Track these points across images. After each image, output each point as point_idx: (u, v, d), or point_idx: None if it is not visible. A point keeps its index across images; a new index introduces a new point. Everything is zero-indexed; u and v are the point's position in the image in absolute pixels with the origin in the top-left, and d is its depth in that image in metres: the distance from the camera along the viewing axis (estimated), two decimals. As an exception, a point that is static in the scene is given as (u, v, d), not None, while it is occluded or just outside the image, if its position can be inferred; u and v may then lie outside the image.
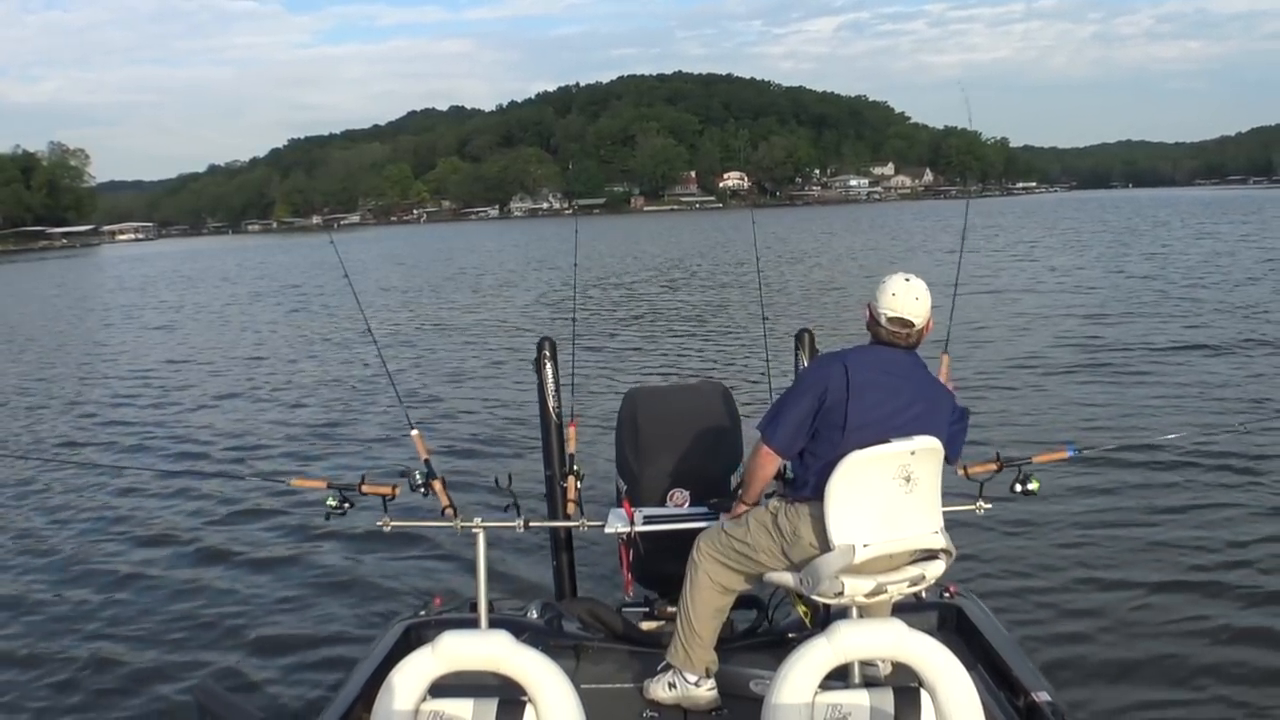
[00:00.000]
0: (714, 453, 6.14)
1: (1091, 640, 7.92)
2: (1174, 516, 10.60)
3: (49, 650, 8.80)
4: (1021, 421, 15.00)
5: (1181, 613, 8.35)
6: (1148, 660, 7.58)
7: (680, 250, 71.31)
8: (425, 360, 25.07)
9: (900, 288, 4.94)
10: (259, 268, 78.17)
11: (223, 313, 42.49)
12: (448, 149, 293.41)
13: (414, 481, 5.65)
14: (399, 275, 57.25)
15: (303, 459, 15.33)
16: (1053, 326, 25.18)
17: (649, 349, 25.19)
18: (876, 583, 4.65)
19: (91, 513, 13.00)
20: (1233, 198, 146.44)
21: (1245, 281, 33.31)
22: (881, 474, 4.64)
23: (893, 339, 4.96)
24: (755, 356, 17.87)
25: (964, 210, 7.58)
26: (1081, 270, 41.22)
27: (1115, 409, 15.61)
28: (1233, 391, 16.47)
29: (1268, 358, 19.30)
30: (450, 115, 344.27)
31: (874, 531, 4.64)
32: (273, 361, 26.66)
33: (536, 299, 40.21)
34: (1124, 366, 19.19)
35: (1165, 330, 23.45)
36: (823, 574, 4.69)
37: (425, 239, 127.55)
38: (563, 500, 6.09)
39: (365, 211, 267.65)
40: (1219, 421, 14.15)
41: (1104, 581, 9.05)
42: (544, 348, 6.55)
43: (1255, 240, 54.06)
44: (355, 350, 26.70)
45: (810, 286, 37.93)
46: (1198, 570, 9.21)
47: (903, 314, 4.92)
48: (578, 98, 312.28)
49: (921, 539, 4.76)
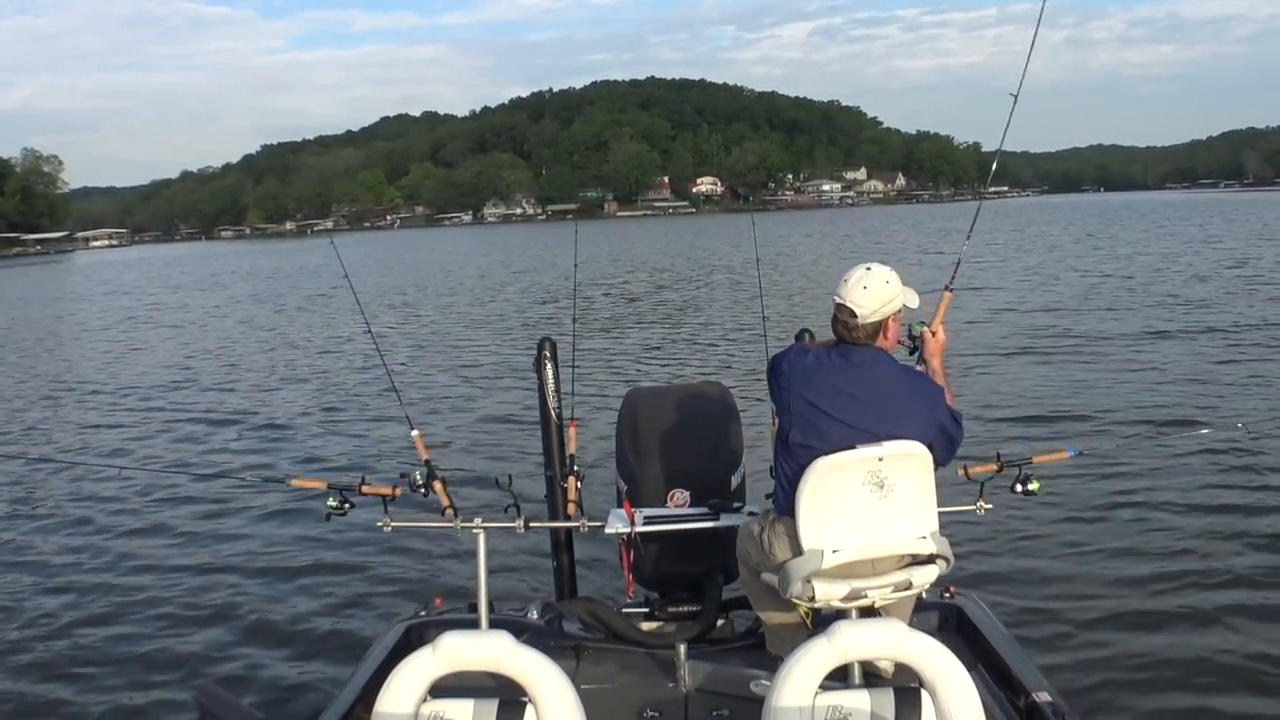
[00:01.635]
0: (714, 453, 6.14)
1: (1092, 640, 7.92)
2: (1174, 516, 10.61)
3: (48, 651, 8.80)
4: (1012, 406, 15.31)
5: (1182, 613, 8.36)
6: (1148, 660, 7.59)
7: (662, 253, 71.50)
8: (426, 361, 25.15)
9: (854, 275, 4.82)
10: (248, 271, 79.29)
11: (220, 313, 42.68)
12: (421, 154, 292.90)
13: (414, 482, 5.63)
14: (396, 277, 57.77)
15: (303, 459, 15.35)
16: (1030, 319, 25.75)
17: (649, 349, 25.29)
18: (851, 587, 4.61)
19: (91, 513, 12.99)
20: (1202, 201, 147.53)
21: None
22: (849, 481, 4.60)
23: (841, 331, 4.86)
24: (755, 357, 17.87)
25: (935, 213, 7.61)
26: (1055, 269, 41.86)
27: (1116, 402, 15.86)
28: (1234, 391, 16.55)
29: (1269, 356, 19.43)
30: (424, 121, 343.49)
31: (844, 538, 4.62)
32: (272, 362, 26.72)
33: (536, 300, 40.47)
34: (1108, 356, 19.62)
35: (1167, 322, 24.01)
36: (792, 577, 4.69)
37: (400, 245, 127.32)
38: (563, 500, 6.08)
39: (339, 217, 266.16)
40: (1220, 422, 14.12)
41: (1104, 581, 9.05)
42: (544, 348, 6.54)
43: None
44: (355, 350, 26.75)
45: (788, 288, 37.99)
46: (1198, 570, 9.21)
47: (847, 301, 4.77)
48: (551, 103, 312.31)
49: (903, 544, 4.71)
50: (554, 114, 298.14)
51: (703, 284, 42.77)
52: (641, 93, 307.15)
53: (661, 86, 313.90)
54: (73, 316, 47.02)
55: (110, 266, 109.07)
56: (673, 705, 5.27)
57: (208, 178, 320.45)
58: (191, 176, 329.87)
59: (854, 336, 4.84)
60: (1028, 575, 9.25)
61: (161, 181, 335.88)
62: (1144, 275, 37.31)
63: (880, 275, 4.81)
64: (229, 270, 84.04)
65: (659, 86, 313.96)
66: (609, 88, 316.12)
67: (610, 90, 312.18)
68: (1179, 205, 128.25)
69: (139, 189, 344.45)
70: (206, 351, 29.73)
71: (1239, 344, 21.06)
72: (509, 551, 9.65)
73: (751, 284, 36.51)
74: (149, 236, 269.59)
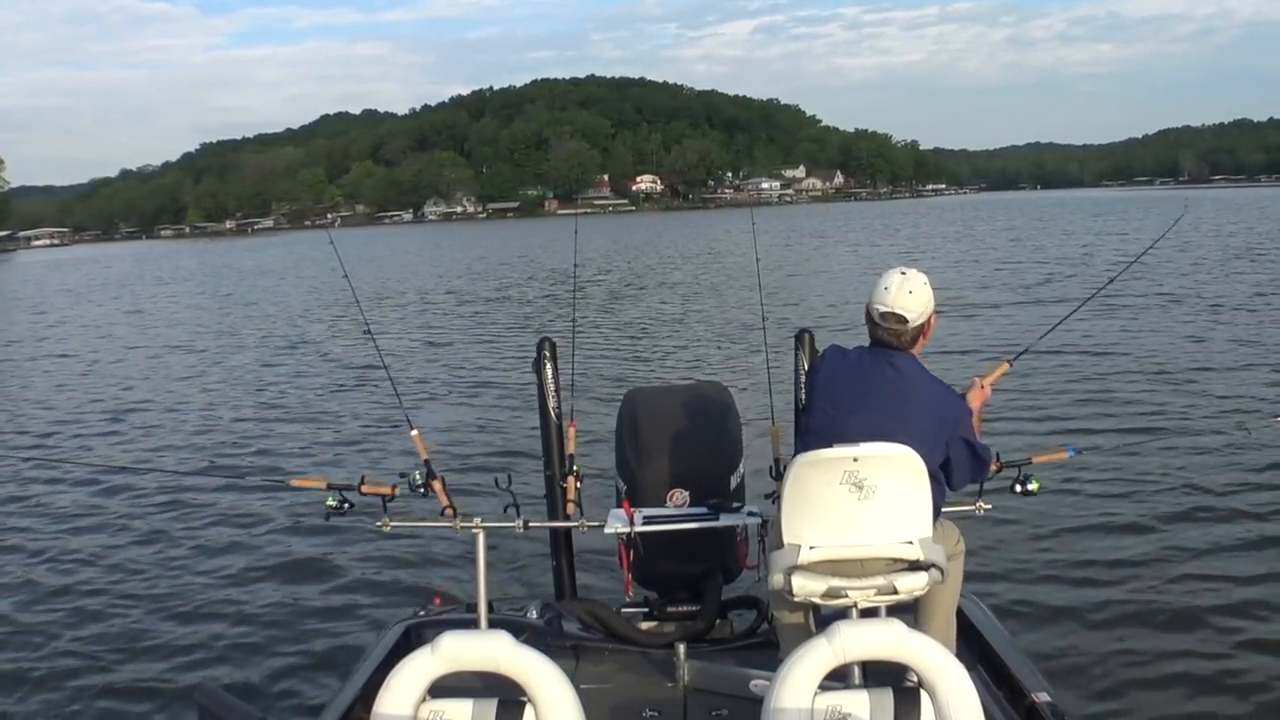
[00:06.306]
0: (714, 453, 6.13)
1: (1092, 640, 7.98)
2: (1175, 516, 10.68)
3: (48, 652, 8.80)
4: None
5: (1182, 613, 8.42)
6: (1148, 660, 7.65)
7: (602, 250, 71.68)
8: (425, 360, 25.08)
9: (894, 281, 4.81)
10: (226, 268, 79.64)
11: (216, 312, 42.58)
12: (361, 153, 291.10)
13: (414, 481, 5.59)
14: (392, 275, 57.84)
15: (302, 459, 15.36)
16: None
17: (649, 349, 25.28)
18: (829, 585, 4.56)
19: (90, 514, 12.98)
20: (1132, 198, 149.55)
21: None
22: (826, 479, 4.56)
23: (886, 337, 4.85)
24: (755, 356, 17.93)
25: (871, 212, 7.59)
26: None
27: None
28: (1232, 391, 16.64)
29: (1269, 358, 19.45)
30: (364, 119, 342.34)
31: (823, 535, 4.60)
32: (271, 362, 26.64)
33: (535, 299, 40.47)
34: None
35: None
36: (773, 568, 4.69)
37: (343, 245, 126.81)
38: (563, 500, 6.06)
39: (279, 216, 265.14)
40: (1222, 422, 14.28)
41: (1104, 582, 9.11)
42: (544, 348, 6.53)
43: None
44: (354, 350, 26.64)
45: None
46: (1199, 571, 9.28)
47: (895, 308, 4.78)
48: (492, 101, 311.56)
49: (885, 548, 4.62)
50: (495, 112, 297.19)
51: (709, 287, 42.68)
52: (582, 91, 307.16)
53: (602, 85, 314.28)
54: (64, 312, 47.15)
55: (61, 266, 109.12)
56: (672, 705, 5.28)
57: (147, 176, 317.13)
58: (131, 175, 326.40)
59: (901, 342, 4.86)
60: (1027, 575, 9.31)
61: (101, 180, 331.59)
62: (1143, 274, 37.58)
63: (919, 278, 4.85)
64: (199, 267, 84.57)
65: (599, 85, 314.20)
66: (550, 86, 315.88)
67: (551, 89, 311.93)
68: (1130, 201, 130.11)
69: (78, 188, 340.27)
70: (203, 350, 29.70)
71: (1240, 344, 21.11)
72: (508, 551, 9.71)
73: (742, 284, 37.04)
74: (89, 236, 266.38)
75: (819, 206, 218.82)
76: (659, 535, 5.79)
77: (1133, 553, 9.76)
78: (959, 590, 5.16)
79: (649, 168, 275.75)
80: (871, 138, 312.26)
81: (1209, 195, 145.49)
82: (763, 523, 5.61)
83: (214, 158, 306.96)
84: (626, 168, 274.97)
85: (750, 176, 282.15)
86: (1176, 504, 11.02)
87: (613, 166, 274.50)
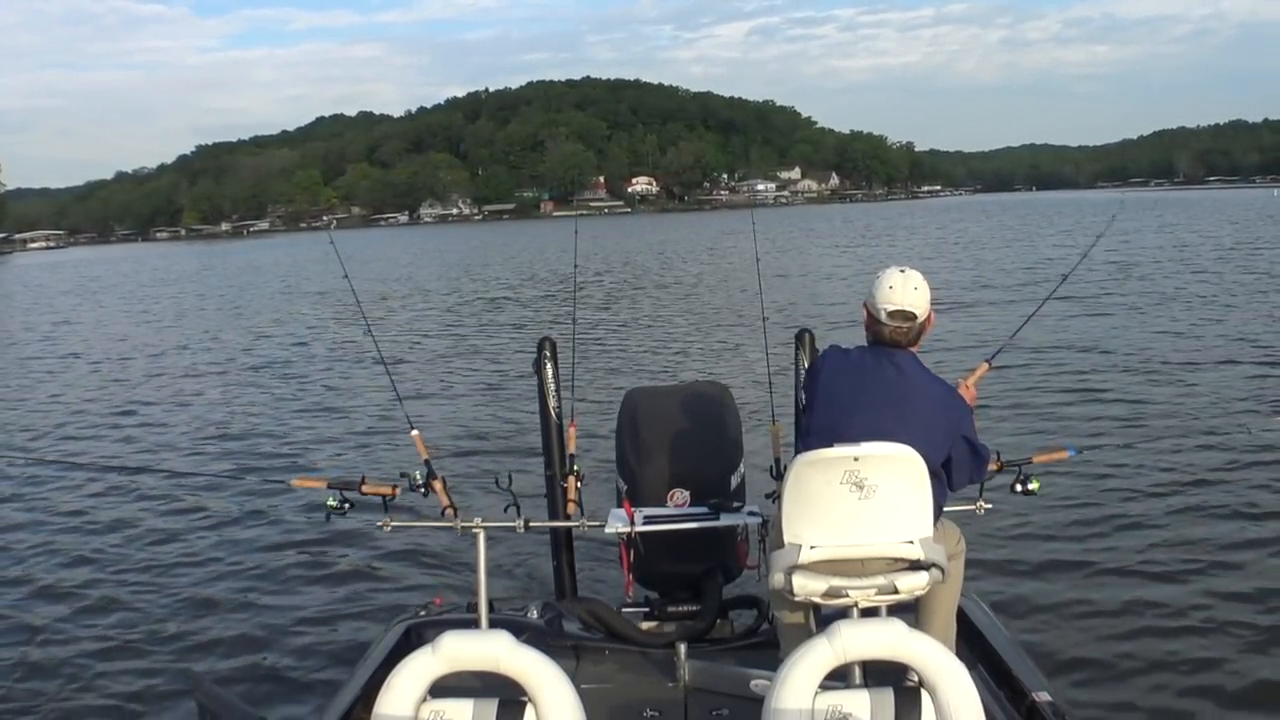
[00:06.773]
0: (714, 453, 6.15)
1: (1091, 640, 7.97)
2: (1175, 516, 10.66)
3: (47, 651, 8.78)
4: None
5: (1183, 613, 8.40)
6: (1148, 660, 7.63)
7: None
8: (425, 360, 25.09)
9: (897, 279, 4.82)
10: (226, 268, 79.67)
11: (216, 313, 42.50)
12: (357, 155, 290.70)
13: (414, 481, 5.59)
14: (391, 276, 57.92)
15: (303, 459, 15.34)
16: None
17: (649, 349, 25.25)
18: (830, 585, 4.55)
19: (90, 513, 12.96)
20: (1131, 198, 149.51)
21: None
22: (826, 479, 4.55)
23: (894, 335, 4.85)
24: (755, 356, 17.90)
25: (866, 213, 7.58)
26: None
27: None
28: (1233, 390, 16.60)
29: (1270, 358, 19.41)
30: (359, 121, 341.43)
31: (823, 535, 4.59)
32: (271, 361, 26.60)
33: (535, 299, 40.53)
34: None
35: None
36: (774, 568, 4.69)
37: (341, 247, 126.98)
38: (563, 500, 6.06)
39: (275, 218, 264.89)
40: (1224, 422, 14.29)
41: (1104, 581, 9.10)
42: (544, 348, 6.55)
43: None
44: (355, 350, 26.64)
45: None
46: (1200, 571, 9.25)
47: (903, 305, 4.79)
48: (487, 103, 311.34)
49: (886, 548, 4.61)
50: (490, 114, 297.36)
51: (709, 287, 42.70)
52: (577, 93, 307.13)
53: (597, 87, 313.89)
54: (73, 311, 47.24)
55: (60, 268, 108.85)
56: (672, 705, 5.29)
57: (143, 178, 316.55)
58: (127, 177, 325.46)
59: (907, 339, 4.87)
60: (1027, 575, 9.29)
61: (96, 182, 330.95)
62: (1143, 270, 37.70)
63: (917, 275, 4.87)
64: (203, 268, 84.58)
65: (595, 87, 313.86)
66: (545, 87, 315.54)
67: (546, 90, 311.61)
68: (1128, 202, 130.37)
69: (74, 190, 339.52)
70: (203, 350, 29.73)
71: (1242, 343, 21.02)
72: (509, 551, 9.69)
73: (742, 284, 37.02)
74: (85, 238, 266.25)
75: (814, 208, 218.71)
76: (659, 535, 5.80)
77: (1133, 553, 9.73)
78: (959, 590, 5.16)
79: (645, 169, 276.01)
80: (867, 139, 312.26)
81: (1209, 196, 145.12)
82: (763, 522, 5.62)
83: (209, 159, 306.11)
84: (622, 169, 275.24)
85: (746, 178, 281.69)
86: (1177, 504, 10.99)
87: (608, 168, 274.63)
